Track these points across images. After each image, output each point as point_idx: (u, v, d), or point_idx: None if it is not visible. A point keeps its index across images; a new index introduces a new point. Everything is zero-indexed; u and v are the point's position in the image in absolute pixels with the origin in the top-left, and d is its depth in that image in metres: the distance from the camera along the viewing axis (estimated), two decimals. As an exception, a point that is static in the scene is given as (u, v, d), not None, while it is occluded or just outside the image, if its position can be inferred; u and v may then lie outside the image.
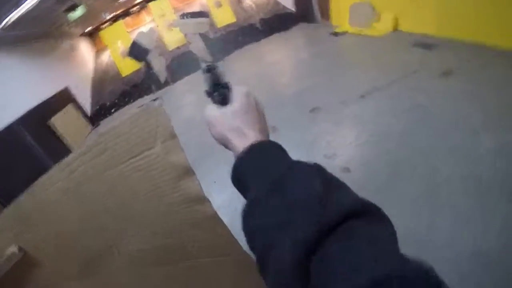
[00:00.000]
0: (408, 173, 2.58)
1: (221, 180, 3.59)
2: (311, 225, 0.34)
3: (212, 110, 0.56)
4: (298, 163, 0.44)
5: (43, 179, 0.87)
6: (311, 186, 0.38)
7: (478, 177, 2.28)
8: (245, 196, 0.46)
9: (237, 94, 0.56)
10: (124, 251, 0.98)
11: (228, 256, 0.94)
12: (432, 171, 2.49)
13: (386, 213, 0.38)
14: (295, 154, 0.56)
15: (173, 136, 0.75)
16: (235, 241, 0.90)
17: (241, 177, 0.47)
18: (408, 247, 1.35)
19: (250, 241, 0.41)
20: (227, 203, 3.17)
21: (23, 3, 4.88)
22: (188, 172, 0.78)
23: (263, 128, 0.55)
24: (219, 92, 0.56)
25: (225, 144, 0.55)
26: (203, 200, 0.81)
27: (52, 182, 0.86)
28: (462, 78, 3.43)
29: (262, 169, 0.45)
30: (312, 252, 0.32)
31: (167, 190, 0.81)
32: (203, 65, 0.58)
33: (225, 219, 0.86)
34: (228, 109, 0.54)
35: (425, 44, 4.61)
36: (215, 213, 0.83)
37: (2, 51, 6.78)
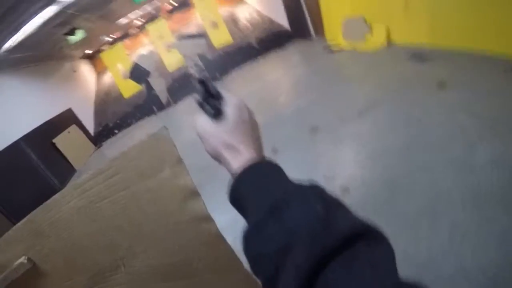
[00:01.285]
0: (407, 189, 2.60)
1: (224, 202, 3.62)
2: (312, 249, 0.34)
3: (204, 123, 0.54)
4: (297, 185, 0.43)
5: (58, 196, 0.92)
6: (312, 210, 0.37)
7: (476, 189, 2.30)
8: (244, 217, 0.46)
9: (230, 107, 0.53)
10: (131, 267, 1.03)
11: (231, 272, 0.99)
12: (430, 186, 2.52)
13: (386, 231, 0.39)
14: (295, 175, 0.60)
15: (180, 161, 0.83)
16: (237, 258, 0.95)
17: (239, 198, 0.47)
18: (408, 264, 1.42)
19: (253, 266, 0.40)
20: (230, 224, 3.20)
21: (23, 27, 5.03)
22: (194, 193, 0.85)
23: (257, 142, 0.54)
24: (211, 104, 0.53)
25: (218, 160, 0.54)
26: (208, 219, 0.88)
27: (66, 200, 0.92)
28: (457, 89, 3.49)
29: (260, 191, 0.44)
30: (315, 277, 0.32)
31: (175, 211, 0.87)
32: (195, 75, 0.59)
33: (229, 239, 0.91)
34: (220, 123, 0.52)
35: (419, 56, 4.70)
36: (219, 232, 0.89)
37: (5, 73, 6.99)
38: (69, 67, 10.31)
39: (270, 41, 10.63)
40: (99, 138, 10.20)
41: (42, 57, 7.97)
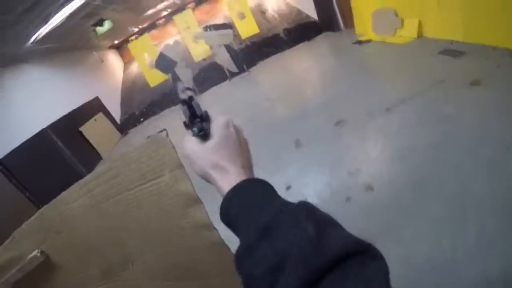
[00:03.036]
0: (434, 190, 2.48)
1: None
2: (304, 271, 0.34)
3: (191, 144, 0.54)
4: (287, 204, 0.43)
5: (64, 194, 0.94)
6: (302, 231, 0.37)
7: (508, 195, 2.15)
8: (236, 235, 0.46)
9: (216, 127, 0.53)
10: (140, 265, 1.04)
11: (236, 277, 0.97)
12: (460, 188, 2.38)
13: (411, 235, 0.37)
14: (318, 171, 0.57)
15: (180, 166, 0.80)
16: None
17: (229, 218, 0.47)
18: (430, 268, 1.35)
19: (247, 286, 0.41)
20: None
21: (51, 19, 5.15)
22: (195, 200, 0.83)
23: (246, 160, 0.54)
24: (198, 126, 0.52)
25: (207, 180, 0.53)
26: (209, 227, 0.86)
27: (73, 198, 0.94)
28: (492, 87, 3.28)
29: (249, 212, 0.44)
30: None
31: (176, 216, 0.87)
32: (181, 96, 0.55)
33: (233, 248, 0.88)
34: (207, 144, 0.52)
35: (452, 51, 4.46)
36: (222, 241, 0.88)
37: (34, 63, 7.25)
38: (97, 57, 10.57)
39: (298, 32, 10.46)
40: (125, 126, 10.45)
41: (71, 47, 8.19)
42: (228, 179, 0.49)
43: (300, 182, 3.36)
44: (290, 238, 0.37)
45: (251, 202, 0.45)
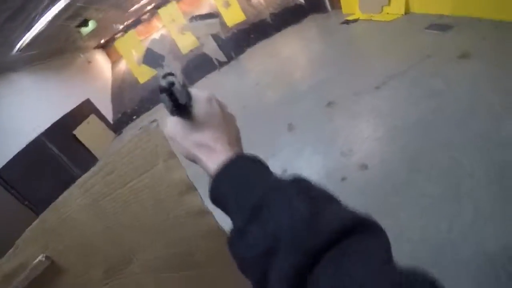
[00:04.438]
0: (427, 168, 2.50)
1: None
2: (298, 253, 0.32)
3: (174, 124, 0.50)
4: (279, 182, 0.40)
5: (65, 195, 0.94)
6: (294, 210, 0.35)
7: (501, 167, 2.17)
8: (228, 215, 0.43)
9: (198, 104, 0.49)
10: (142, 259, 1.06)
11: (233, 265, 0.99)
12: (452, 164, 2.40)
13: (406, 213, 0.35)
14: (312, 153, 0.57)
15: (172, 154, 0.81)
16: None
17: (219, 198, 0.44)
18: (425, 246, 1.37)
19: (241, 269, 0.39)
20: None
21: (34, 25, 5.05)
22: (190, 188, 0.84)
23: (233, 137, 0.50)
24: (180, 106, 0.46)
25: (194, 160, 0.50)
26: (205, 213, 0.87)
27: (73, 199, 0.94)
28: (481, 60, 3.28)
29: (240, 191, 0.41)
30: (303, 279, 0.31)
31: (172, 205, 0.87)
32: (161, 83, 0.45)
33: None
34: (189, 123, 0.48)
35: (440, 25, 4.44)
36: (219, 225, 0.89)
37: (21, 72, 7.13)
38: (84, 59, 10.42)
39: (285, 16, 10.34)
40: (118, 125, 10.37)
41: (56, 51, 8.05)
42: (215, 158, 0.45)
43: (295, 165, 3.39)
44: (282, 219, 0.35)
45: (240, 180, 0.42)
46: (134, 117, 10.52)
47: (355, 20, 6.90)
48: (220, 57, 9.90)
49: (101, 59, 12.05)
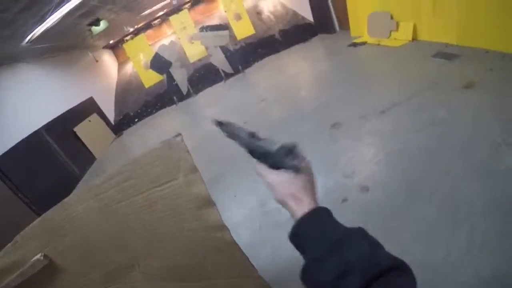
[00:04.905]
0: (427, 192, 2.52)
1: (242, 194, 3.64)
2: (362, 278, 0.46)
3: (275, 175, 0.64)
4: (350, 228, 0.55)
5: (74, 197, 0.96)
6: (361, 248, 0.51)
7: (499, 197, 2.21)
8: (301, 252, 0.57)
9: (303, 167, 0.65)
10: (146, 266, 1.06)
11: (244, 278, 1.01)
12: (452, 190, 2.43)
13: (405, 236, 0.79)
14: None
15: (195, 170, 0.82)
16: (251, 265, 0.97)
17: (300, 237, 0.58)
18: (423, 269, 1.36)
19: None
20: (247, 219, 3.22)
21: (47, 18, 5.10)
22: (208, 202, 0.85)
23: (314, 191, 0.65)
24: (288, 162, 0.63)
25: (284, 206, 0.64)
26: (222, 228, 0.88)
27: (82, 201, 0.95)
28: (485, 90, 3.33)
29: (319, 233, 0.56)
30: None
31: (189, 218, 0.88)
32: (247, 146, 0.67)
33: (246, 233, 0.90)
34: (286, 176, 0.63)
35: (446, 54, 4.52)
36: (233, 240, 0.90)
37: (28, 63, 7.19)
38: (92, 57, 10.51)
39: (293, 33, 10.48)
40: (119, 127, 10.39)
41: (65, 47, 8.12)
42: (302, 206, 0.60)
43: None
44: (353, 253, 0.50)
45: (319, 225, 0.57)
46: (136, 120, 10.55)
47: (363, 43, 7.01)
48: (227, 68, 9.99)
49: (108, 59, 12.17)
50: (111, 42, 11.81)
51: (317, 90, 6.06)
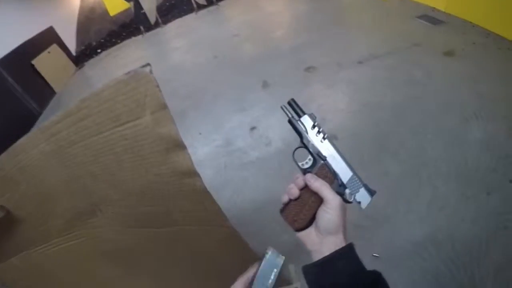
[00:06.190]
0: (395, 149, 2.58)
1: (206, 132, 3.57)
2: None
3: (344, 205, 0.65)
4: (374, 271, 0.58)
5: (24, 140, 0.85)
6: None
7: (462, 164, 2.30)
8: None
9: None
10: (108, 212, 1.00)
11: (214, 226, 0.96)
12: (419, 151, 2.50)
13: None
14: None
15: (164, 106, 0.71)
16: (222, 214, 0.91)
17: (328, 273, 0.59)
18: (383, 224, 1.40)
19: None
20: (211, 156, 3.20)
21: None
22: (178, 145, 0.75)
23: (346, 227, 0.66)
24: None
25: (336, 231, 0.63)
26: (193, 174, 0.80)
27: (34, 145, 0.84)
28: (464, 61, 3.33)
29: (355, 272, 0.57)
30: None
31: (155, 162, 0.80)
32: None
33: (209, 172, 0.81)
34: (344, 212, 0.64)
35: (432, 18, 4.40)
36: (204, 188, 0.82)
37: None
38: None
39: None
40: (81, 58, 9.61)
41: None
42: (339, 240, 0.61)
43: (265, 124, 3.37)
44: None
45: (352, 264, 0.59)
46: (99, 50, 9.81)
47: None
48: (200, -1, 9.30)
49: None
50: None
51: (294, 32, 5.80)
